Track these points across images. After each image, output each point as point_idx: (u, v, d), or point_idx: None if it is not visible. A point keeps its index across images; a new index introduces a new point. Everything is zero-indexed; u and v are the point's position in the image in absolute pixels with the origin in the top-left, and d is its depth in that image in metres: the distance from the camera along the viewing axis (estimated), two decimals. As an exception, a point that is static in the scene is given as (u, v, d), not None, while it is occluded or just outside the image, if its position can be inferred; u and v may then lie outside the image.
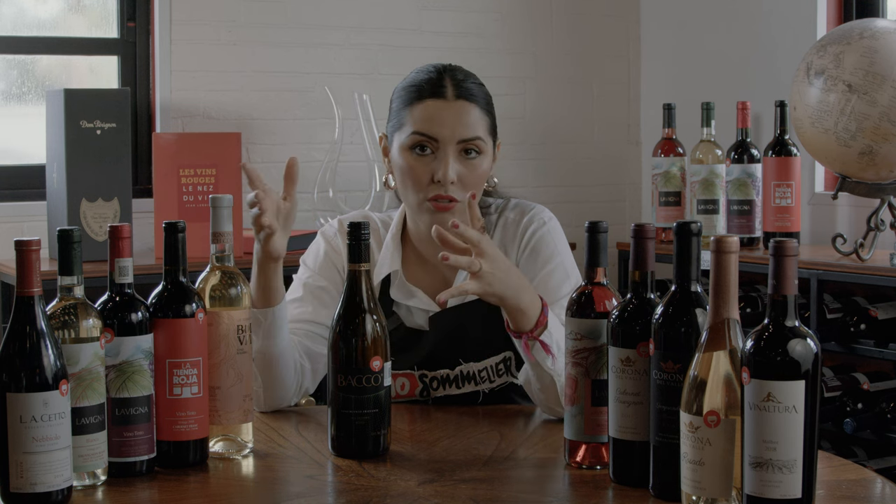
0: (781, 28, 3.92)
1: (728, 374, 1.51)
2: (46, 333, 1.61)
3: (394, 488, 1.71)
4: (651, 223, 1.74)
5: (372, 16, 4.08)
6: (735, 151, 3.66)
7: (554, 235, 2.26)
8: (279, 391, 2.14)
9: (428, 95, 2.18)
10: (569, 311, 1.77)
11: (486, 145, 2.19)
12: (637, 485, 1.67)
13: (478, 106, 2.19)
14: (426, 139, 2.16)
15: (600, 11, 4.44)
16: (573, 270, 2.25)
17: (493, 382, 2.22)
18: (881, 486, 1.72)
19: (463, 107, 2.17)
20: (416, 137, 2.16)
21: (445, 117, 2.16)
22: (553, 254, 2.24)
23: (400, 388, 2.21)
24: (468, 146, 2.17)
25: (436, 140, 2.16)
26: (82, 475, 1.70)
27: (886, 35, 3.13)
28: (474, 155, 2.17)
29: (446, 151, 2.15)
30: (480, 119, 2.19)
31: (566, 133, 4.42)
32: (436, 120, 2.16)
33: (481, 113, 2.19)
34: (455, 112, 2.16)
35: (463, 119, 2.16)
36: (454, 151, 2.16)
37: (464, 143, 2.16)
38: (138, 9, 3.80)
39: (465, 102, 2.18)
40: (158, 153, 3.49)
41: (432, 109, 2.17)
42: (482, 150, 2.18)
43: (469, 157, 2.17)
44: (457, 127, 2.16)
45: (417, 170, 2.16)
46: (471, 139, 2.17)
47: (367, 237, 1.87)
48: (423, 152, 2.17)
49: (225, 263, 1.88)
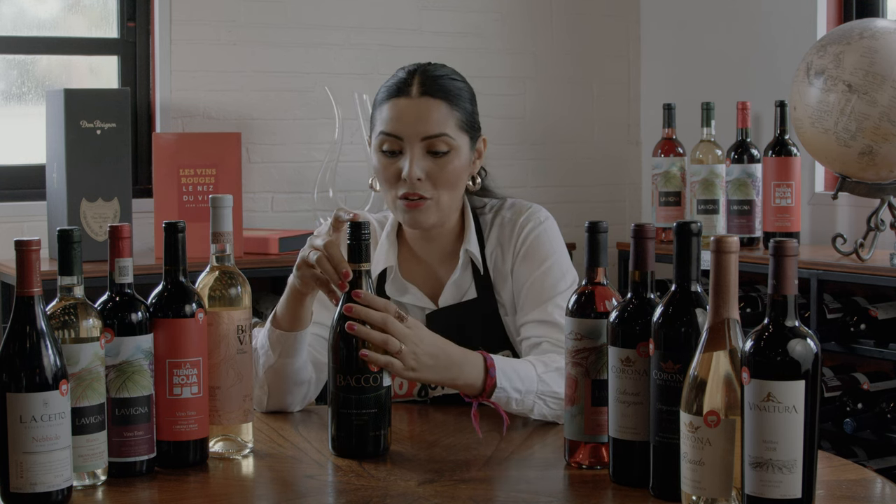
0: (781, 28, 3.92)
1: (728, 374, 1.51)
2: (46, 333, 1.61)
3: (394, 488, 1.71)
4: (651, 223, 1.74)
5: (372, 16, 4.08)
6: (735, 151, 3.66)
7: (550, 235, 2.26)
8: (285, 401, 2.15)
9: (394, 95, 2.19)
10: (569, 311, 1.77)
11: (455, 142, 2.17)
12: (637, 485, 1.67)
13: (445, 101, 2.18)
14: (391, 138, 2.17)
15: (600, 11, 4.44)
16: (569, 269, 2.25)
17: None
18: (881, 486, 1.72)
19: (426, 103, 2.16)
20: (383, 137, 2.18)
21: (408, 115, 2.16)
22: (549, 253, 2.24)
23: (398, 387, 2.21)
24: (433, 144, 2.16)
25: (400, 138, 2.16)
26: (82, 475, 1.70)
27: (886, 35, 3.13)
28: (442, 152, 2.16)
29: (412, 149, 2.15)
30: (448, 115, 2.17)
31: (566, 133, 4.42)
32: (399, 119, 2.16)
33: (449, 109, 2.18)
34: (417, 109, 2.16)
35: (425, 116, 2.16)
36: (420, 149, 2.15)
37: (428, 139, 2.15)
38: (138, 9, 3.80)
39: (428, 99, 2.16)
40: (158, 153, 3.49)
41: (396, 108, 2.17)
42: (451, 147, 2.17)
43: (436, 154, 2.16)
44: (419, 124, 2.15)
45: (387, 169, 2.18)
46: (435, 135, 2.16)
47: (367, 237, 1.87)
48: (391, 152, 2.17)
49: (225, 263, 1.88)
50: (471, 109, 2.23)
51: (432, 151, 2.16)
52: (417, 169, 2.14)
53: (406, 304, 2.26)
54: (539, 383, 2.04)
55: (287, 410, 2.16)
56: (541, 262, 2.23)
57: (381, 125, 2.19)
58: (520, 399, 2.03)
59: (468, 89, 2.24)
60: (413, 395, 2.23)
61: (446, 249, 2.28)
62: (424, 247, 2.27)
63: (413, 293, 2.26)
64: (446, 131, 2.16)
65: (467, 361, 1.99)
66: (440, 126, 2.16)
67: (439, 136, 2.16)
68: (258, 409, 2.15)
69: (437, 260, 2.28)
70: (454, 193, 2.20)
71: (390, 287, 2.26)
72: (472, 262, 2.25)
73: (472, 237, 2.25)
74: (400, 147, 2.16)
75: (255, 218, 3.90)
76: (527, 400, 2.04)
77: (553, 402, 2.05)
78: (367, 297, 1.86)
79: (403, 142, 2.16)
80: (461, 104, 2.20)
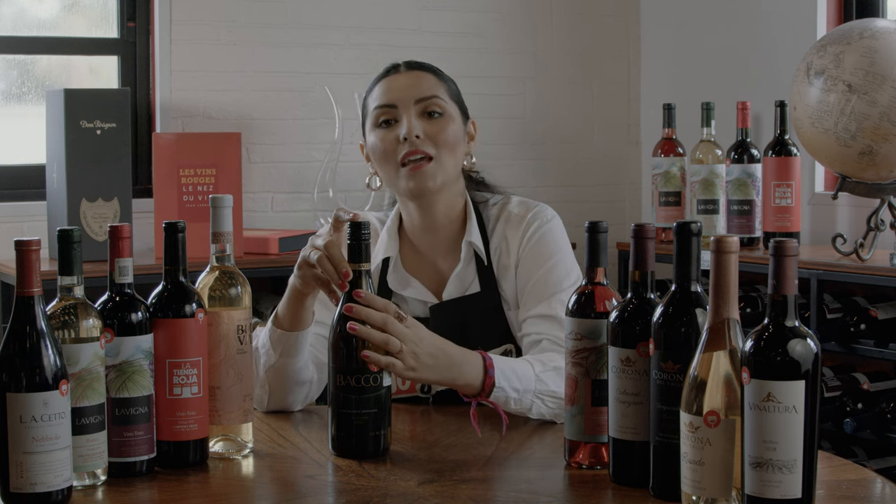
0: (781, 28, 3.92)
1: (728, 374, 1.51)
2: (46, 333, 1.61)
3: (394, 488, 1.71)
4: (651, 223, 1.74)
5: (372, 16, 4.08)
6: (735, 151, 3.66)
7: (556, 233, 2.28)
8: (286, 401, 2.16)
9: (383, 76, 2.29)
10: (569, 311, 1.78)
11: (447, 106, 2.25)
12: (637, 485, 1.67)
13: (432, 73, 2.29)
14: (386, 109, 2.24)
15: (600, 11, 4.44)
16: (573, 268, 2.26)
17: None
18: (881, 486, 1.72)
19: (416, 74, 2.27)
20: (378, 112, 2.25)
21: (399, 85, 2.26)
22: (554, 251, 2.25)
23: (401, 382, 2.21)
24: (428, 106, 2.24)
25: (394, 106, 2.24)
26: (82, 475, 1.70)
27: (886, 35, 3.13)
28: (437, 115, 2.24)
29: (408, 112, 2.22)
30: (437, 83, 2.27)
31: (566, 133, 4.42)
32: (391, 90, 2.25)
33: (437, 79, 2.28)
34: (407, 78, 2.26)
35: (416, 82, 2.25)
36: (415, 112, 2.23)
37: (422, 101, 2.23)
38: (138, 9, 3.80)
39: (417, 72, 2.28)
40: (158, 153, 3.49)
41: (387, 84, 2.27)
42: (445, 111, 2.24)
43: (432, 117, 2.23)
44: (411, 89, 2.24)
45: (385, 139, 2.23)
46: (428, 97, 2.24)
47: (367, 237, 1.87)
48: (388, 125, 2.24)
49: (225, 263, 1.88)
50: (456, 88, 2.32)
51: (427, 113, 2.24)
52: (416, 126, 2.21)
53: (408, 298, 2.27)
54: (537, 382, 2.05)
55: (288, 410, 2.17)
56: (546, 259, 2.24)
57: (374, 102, 2.26)
58: (518, 398, 2.04)
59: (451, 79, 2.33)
60: (416, 391, 2.23)
61: (448, 243, 2.29)
62: (426, 240, 2.29)
63: (415, 286, 2.27)
64: (437, 94, 2.25)
65: (466, 361, 2.00)
66: (432, 89, 2.25)
67: (432, 98, 2.24)
68: (259, 409, 2.15)
69: (439, 254, 2.29)
70: (454, 157, 2.24)
71: (392, 279, 2.27)
72: (476, 255, 2.26)
73: (475, 230, 2.27)
74: (395, 116, 2.23)
75: (255, 218, 3.90)
76: (525, 399, 2.04)
77: (551, 401, 2.05)
78: (367, 298, 1.86)
79: (398, 109, 2.23)
80: (446, 79, 2.30)
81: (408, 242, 2.31)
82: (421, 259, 2.30)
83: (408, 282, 2.28)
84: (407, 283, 2.28)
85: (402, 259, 2.30)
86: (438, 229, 2.28)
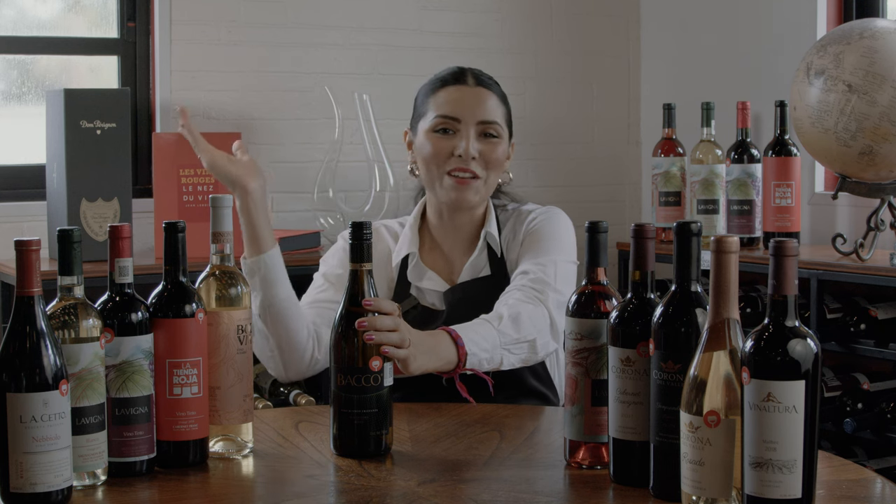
0: (781, 28, 3.92)
1: (728, 374, 1.51)
2: (46, 333, 1.61)
3: (394, 488, 1.72)
4: (651, 223, 1.74)
5: (372, 16, 4.07)
6: (735, 151, 3.66)
7: (559, 220, 2.41)
8: (294, 349, 2.21)
9: (450, 83, 2.38)
10: (569, 311, 1.78)
11: (503, 131, 2.38)
12: (637, 485, 1.67)
13: (496, 95, 2.39)
14: (449, 120, 2.35)
15: (600, 11, 4.43)
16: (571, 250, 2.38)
17: None
18: (881, 486, 1.72)
19: (482, 93, 2.37)
20: (439, 120, 2.35)
21: (466, 100, 2.35)
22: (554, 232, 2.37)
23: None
24: (487, 128, 2.35)
25: (458, 120, 2.34)
26: (82, 475, 1.70)
27: (886, 35, 3.13)
28: (494, 137, 2.36)
29: (468, 130, 2.34)
30: (498, 106, 2.38)
31: (566, 133, 4.42)
32: (458, 103, 2.35)
33: (498, 102, 2.39)
34: (475, 96, 2.36)
35: (483, 103, 2.36)
36: (475, 131, 2.34)
37: (483, 124, 2.35)
38: (138, 9, 3.80)
39: (483, 89, 2.38)
40: (158, 153, 3.49)
41: (454, 94, 2.36)
42: (500, 135, 2.37)
43: (489, 138, 2.35)
44: (477, 108, 2.35)
45: (440, 146, 2.34)
46: (490, 121, 2.35)
47: (368, 237, 1.87)
48: (445, 133, 2.34)
49: (225, 263, 1.88)
50: (510, 112, 2.44)
51: (485, 135, 2.35)
52: (473, 148, 2.32)
53: (424, 289, 2.39)
54: (500, 336, 2.15)
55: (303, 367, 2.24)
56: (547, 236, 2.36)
57: (437, 109, 2.36)
58: (489, 357, 2.14)
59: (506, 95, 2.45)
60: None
61: (466, 237, 2.42)
62: (446, 235, 2.42)
63: (431, 277, 2.39)
64: (497, 119, 2.37)
65: (439, 341, 2.08)
66: (494, 114, 2.37)
67: (492, 123, 2.36)
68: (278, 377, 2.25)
69: (457, 247, 2.42)
70: (495, 178, 2.39)
71: (411, 273, 2.40)
72: (489, 246, 2.39)
73: (493, 223, 2.41)
74: (455, 129, 2.34)
75: (255, 218, 3.89)
76: (495, 356, 2.15)
77: (516, 347, 2.17)
78: (376, 304, 1.88)
79: (460, 124, 2.34)
80: (507, 103, 2.42)
81: (427, 237, 2.45)
82: (438, 252, 2.42)
83: (424, 274, 2.39)
84: (423, 274, 2.39)
85: (421, 253, 2.42)
86: (461, 227, 2.42)
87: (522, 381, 2.33)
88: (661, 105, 3.93)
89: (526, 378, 2.33)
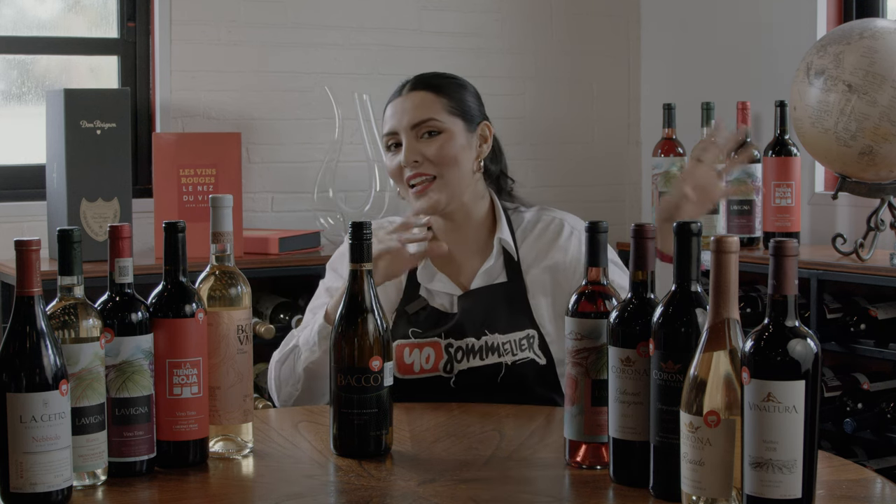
0: (781, 28, 3.92)
1: (728, 374, 1.51)
2: (46, 333, 1.61)
3: (394, 488, 1.72)
4: (651, 223, 1.73)
5: (372, 16, 4.07)
6: (735, 151, 3.66)
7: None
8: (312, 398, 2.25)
9: (390, 100, 2.39)
10: (569, 311, 1.78)
11: (444, 124, 2.33)
12: (637, 485, 1.67)
13: (429, 91, 2.35)
14: (390, 136, 2.36)
15: (600, 11, 4.43)
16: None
17: (516, 356, 2.30)
18: (881, 486, 1.72)
19: (413, 97, 2.35)
20: (385, 139, 2.38)
21: (398, 110, 2.35)
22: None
23: (425, 360, 2.28)
24: (422, 129, 2.33)
25: (396, 133, 2.34)
26: (82, 475, 1.70)
27: (886, 35, 3.13)
28: (435, 133, 2.32)
29: (406, 138, 2.33)
30: (433, 102, 2.34)
31: (566, 133, 4.42)
32: (393, 117, 2.36)
33: (434, 97, 2.34)
34: (404, 104, 2.35)
35: (412, 106, 2.33)
36: (412, 136, 2.33)
37: (417, 126, 2.33)
38: (138, 9, 3.80)
39: (416, 92, 2.35)
40: (158, 153, 3.49)
41: (391, 110, 2.37)
42: (441, 129, 2.33)
43: (429, 137, 2.32)
44: (405, 115, 2.33)
45: (392, 164, 2.35)
46: (422, 121, 2.33)
47: (368, 237, 1.87)
48: (394, 149, 2.35)
49: (225, 263, 1.88)
50: (461, 97, 2.38)
51: (424, 136, 2.32)
52: (410, 153, 2.31)
53: (434, 291, 2.35)
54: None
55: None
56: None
57: (383, 128, 2.38)
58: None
59: (464, 84, 2.41)
60: (438, 370, 2.29)
61: (476, 242, 2.39)
62: (455, 238, 2.39)
63: (441, 280, 2.36)
64: (432, 115, 2.33)
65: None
66: (425, 112, 2.33)
67: (426, 122, 2.33)
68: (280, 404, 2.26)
69: (469, 251, 2.39)
70: (458, 171, 2.34)
71: (421, 273, 2.36)
72: (505, 250, 2.36)
73: (505, 228, 2.38)
74: (398, 141, 2.34)
75: (255, 218, 3.90)
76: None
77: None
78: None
79: (399, 136, 2.33)
80: (448, 92, 2.36)
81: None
82: (450, 255, 2.38)
83: (434, 275, 2.36)
84: (433, 276, 2.36)
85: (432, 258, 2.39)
86: (465, 229, 2.39)
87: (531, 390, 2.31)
88: (661, 105, 3.93)
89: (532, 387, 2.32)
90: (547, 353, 2.31)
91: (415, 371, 2.28)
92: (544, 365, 2.30)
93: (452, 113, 2.34)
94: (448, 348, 2.29)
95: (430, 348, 2.29)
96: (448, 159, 2.31)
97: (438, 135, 2.32)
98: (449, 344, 2.29)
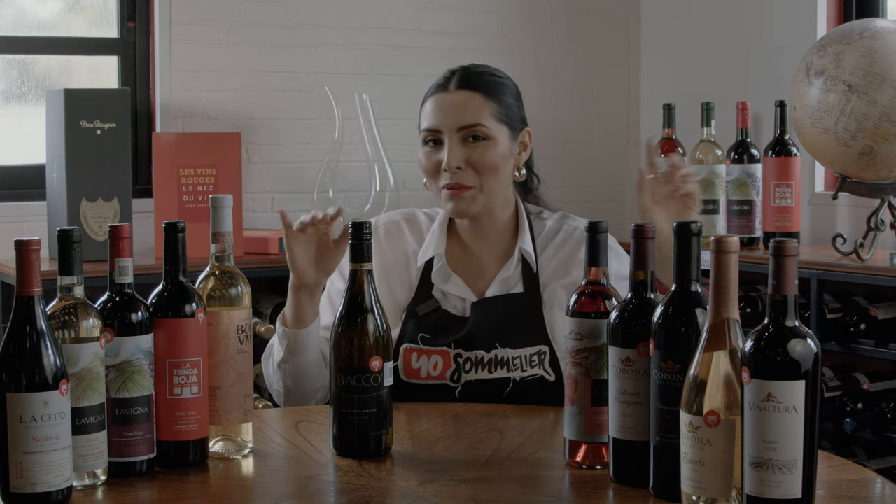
0: (781, 28, 3.92)
1: (728, 374, 1.51)
2: (46, 333, 1.61)
3: (394, 488, 1.71)
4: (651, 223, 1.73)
5: (372, 16, 4.07)
6: (735, 151, 3.66)
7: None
8: (300, 400, 2.24)
9: (433, 93, 2.31)
10: (569, 311, 1.77)
11: (491, 131, 2.27)
12: (637, 485, 1.67)
13: (480, 93, 2.29)
14: (431, 132, 2.29)
15: (600, 11, 4.43)
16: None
17: (525, 372, 2.25)
18: (881, 486, 1.72)
19: (462, 95, 2.28)
20: (425, 134, 2.30)
21: (445, 108, 2.28)
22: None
23: (432, 367, 2.24)
24: (469, 132, 2.26)
25: (439, 131, 2.27)
26: (82, 475, 1.70)
27: (886, 35, 3.13)
28: (480, 141, 2.26)
29: (450, 140, 2.26)
30: (483, 105, 2.28)
31: (566, 133, 4.42)
32: (437, 113, 2.28)
33: (484, 99, 2.28)
34: (454, 102, 2.28)
35: (461, 107, 2.27)
36: (457, 139, 2.26)
37: (464, 129, 2.26)
38: (138, 9, 3.80)
39: (464, 91, 2.28)
40: (158, 153, 3.49)
41: (435, 103, 2.29)
42: (488, 136, 2.27)
43: (474, 142, 2.26)
44: (455, 115, 2.26)
45: (428, 162, 2.29)
46: (470, 125, 2.26)
47: (368, 237, 1.87)
48: (432, 145, 2.29)
49: (225, 263, 1.88)
50: (509, 102, 2.33)
51: (469, 140, 2.26)
52: (454, 158, 2.25)
53: (448, 294, 2.31)
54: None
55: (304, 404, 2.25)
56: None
57: (423, 122, 2.31)
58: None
59: (509, 84, 2.36)
60: (445, 379, 2.25)
61: (498, 246, 2.35)
62: (475, 240, 2.35)
63: (455, 283, 2.31)
64: (481, 121, 2.27)
65: None
66: (475, 116, 2.27)
67: (474, 126, 2.27)
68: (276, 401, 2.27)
69: (488, 255, 2.34)
70: (498, 181, 2.29)
71: (435, 275, 2.32)
72: (525, 260, 2.31)
73: (527, 237, 2.33)
74: (440, 139, 2.28)
75: (255, 218, 3.90)
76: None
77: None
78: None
79: (442, 134, 2.27)
80: (497, 96, 2.31)
81: (456, 239, 2.36)
82: (468, 257, 2.34)
83: (449, 277, 2.32)
84: (448, 278, 2.32)
85: (448, 255, 2.34)
86: (488, 232, 2.35)
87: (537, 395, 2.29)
88: (661, 105, 3.93)
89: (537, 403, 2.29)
90: (557, 369, 2.24)
91: (421, 376, 2.25)
92: (552, 382, 2.24)
93: (500, 120, 2.29)
94: (457, 358, 2.25)
95: (439, 356, 2.25)
96: (490, 167, 2.26)
97: (483, 140, 2.26)
98: (458, 354, 2.25)
